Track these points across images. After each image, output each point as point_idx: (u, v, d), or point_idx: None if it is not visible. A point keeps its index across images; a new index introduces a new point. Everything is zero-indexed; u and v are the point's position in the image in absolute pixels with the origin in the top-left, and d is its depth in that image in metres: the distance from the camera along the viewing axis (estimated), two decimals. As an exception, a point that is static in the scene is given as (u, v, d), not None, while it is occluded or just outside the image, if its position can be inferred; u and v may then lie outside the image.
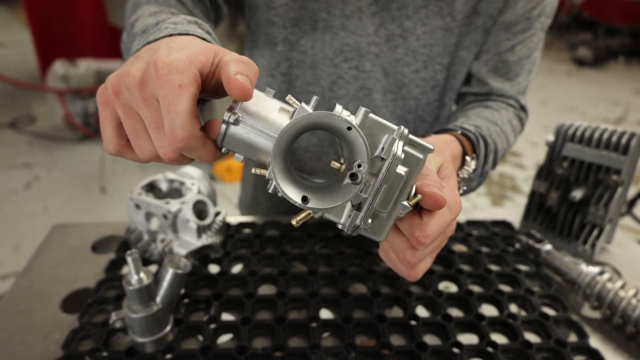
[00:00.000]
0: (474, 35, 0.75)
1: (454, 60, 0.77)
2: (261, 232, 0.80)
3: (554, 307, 0.68)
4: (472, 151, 0.63)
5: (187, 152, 0.38)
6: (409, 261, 0.45)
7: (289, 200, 0.38)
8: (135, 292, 0.52)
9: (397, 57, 0.76)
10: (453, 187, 0.49)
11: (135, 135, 0.39)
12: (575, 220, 0.77)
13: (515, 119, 0.76)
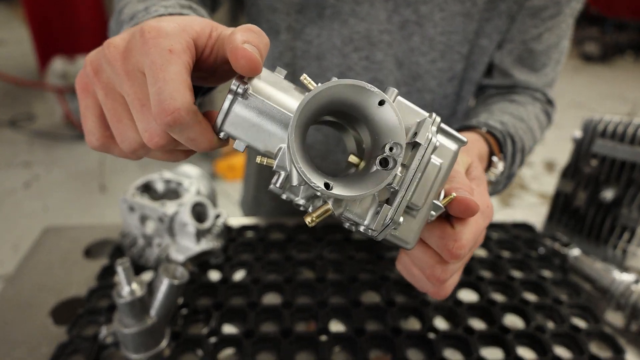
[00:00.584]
0: (496, 21, 0.69)
1: (473, 49, 0.71)
2: (265, 236, 0.74)
3: (585, 318, 0.63)
4: (499, 151, 0.58)
5: (178, 132, 0.30)
6: (439, 278, 0.39)
7: (310, 185, 0.30)
8: (127, 305, 0.46)
9: (412, 46, 0.70)
10: (483, 189, 0.44)
11: (116, 120, 0.32)
12: (605, 222, 0.71)
13: (542, 114, 0.71)
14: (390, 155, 0.31)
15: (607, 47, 5.78)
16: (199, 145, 0.32)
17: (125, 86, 0.31)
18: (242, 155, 3.03)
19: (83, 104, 0.34)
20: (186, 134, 0.31)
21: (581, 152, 0.73)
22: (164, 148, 0.32)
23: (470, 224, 0.39)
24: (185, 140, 0.32)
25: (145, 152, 0.34)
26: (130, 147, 0.33)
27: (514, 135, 0.60)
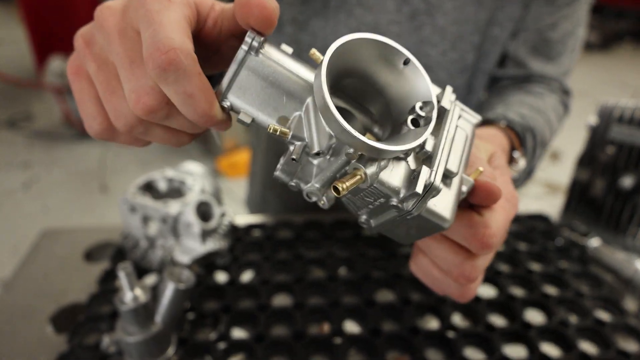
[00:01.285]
0: (509, 9, 0.65)
1: (485, 39, 0.68)
2: (272, 234, 0.72)
3: (609, 311, 0.60)
4: (520, 145, 0.55)
5: (173, 82, 0.26)
6: (469, 276, 0.36)
7: (345, 138, 0.26)
8: (131, 312, 0.44)
9: (422, 37, 0.67)
10: (508, 178, 0.41)
11: (109, 93, 0.29)
12: (624, 210, 0.69)
13: (559, 105, 0.68)
14: (423, 112, 0.28)
15: (607, 35, 5.73)
16: (197, 106, 0.27)
17: (116, 46, 0.27)
18: (245, 152, 3.00)
19: (77, 87, 0.31)
20: (182, 85, 0.26)
21: (597, 140, 0.70)
22: (155, 113, 0.27)
23: (499, 211, 0.35)
24: (181, 96, 0.26)
25: (144, 129, 0.30)
26: (127, 123, 0.29)
27: (534, 129, 0.57)
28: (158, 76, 0.25)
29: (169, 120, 0.29)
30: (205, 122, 0.28)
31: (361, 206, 0.33)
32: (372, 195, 0.31)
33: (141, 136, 0.31)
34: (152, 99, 0.27)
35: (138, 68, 0.27)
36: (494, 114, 0.58)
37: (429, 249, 0.38)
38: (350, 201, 0.33)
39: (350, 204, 0.33)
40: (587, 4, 0.68)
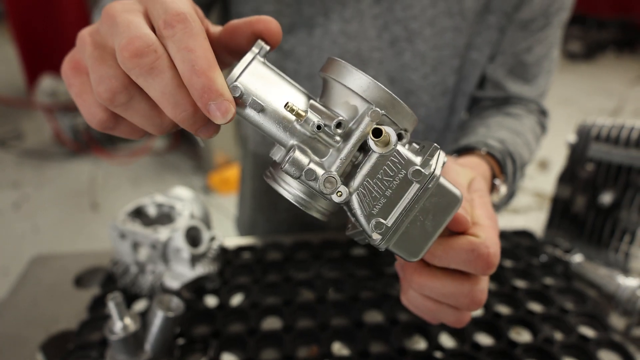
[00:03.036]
0: (486, 35, 0.68)
1: (464, 63, 0.70)
2: (262, 256, 0.72)
3: (593, 326, 0.61)
4: (500, 172, 0.57)
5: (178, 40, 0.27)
6: (480, 301, 0.37)
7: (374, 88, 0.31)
8: (120, 341, 0.44)
9: (404, 62, 0.70)
10: (487, 200, 0.42)
11: (99, 63, 0.29)
12: (605, 226, 0.70)
13: (537, 126, 0.70)
14: None
15: (590, 45, 5.87)
16: (196, 62, 0.27)
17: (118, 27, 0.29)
18: (237, 168, 3.00)
19: (77, 81, 0.31)
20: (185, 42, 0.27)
21: (576, 157, 0.72)
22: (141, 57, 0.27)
23: (491, 231, 0.37)
24: (182, 52, 0.27)
25: (127, 96, 0.29)
26: (109, 89, 0.28)
27: (513, 154, 0.59)
28: (165, 32, 0.28)
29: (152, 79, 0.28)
30: (204, 85, 0.27)
31: (378, 196, 0.32)
32: (392, 168, 0.31)
33: (123, 109, 0.30)
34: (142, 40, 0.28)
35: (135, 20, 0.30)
36: (475, 140, 0.59)
37: (431, 291, 0.37)
38: (368, 191, 0.32)
39: (367, 198, 0.32)
40: (560, 28, 0.71)
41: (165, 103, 0.28)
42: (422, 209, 0.32)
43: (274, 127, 0.31)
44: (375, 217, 0.32)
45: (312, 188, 0.31)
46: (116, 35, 0.29)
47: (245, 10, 0.70)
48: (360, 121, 0.31)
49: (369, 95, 0.31)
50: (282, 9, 0.67)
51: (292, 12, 0.67)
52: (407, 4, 0.66)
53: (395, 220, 0.32)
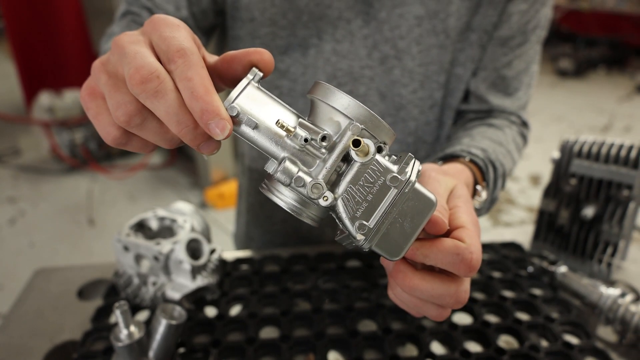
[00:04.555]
0: (469, 51, 0.73)
1: (450, 78, 0.75)
2: (260, 268, 0.75)
3: (577, 335, 0.64)
4: (482, 179, 0.60)
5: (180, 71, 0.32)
6: (464, 300, 0.40)
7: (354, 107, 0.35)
8: (125, 348, 0.47)
9: (393, 79, 0.74)
10: (470, 206, 0.45)
11: (114, 90, 0.33)
12: (588, 238, 0.74)
13: (518, 137, 0.74)
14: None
15: (580, 63, 6.01)
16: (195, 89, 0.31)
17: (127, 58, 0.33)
18: (233, 183, 3.03)
19: (93, 105, 0.35)
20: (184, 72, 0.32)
21: (560, 172, 0.76)
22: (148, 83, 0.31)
23: (475, 237, 0.40)
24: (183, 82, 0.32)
25: (141, 119, 0.33)
26: (125, 113, 0.32)
27: (494, 162, 0.63)
28: (168, 63, 0.33)
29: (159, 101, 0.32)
30: (202, 107, 0.31)
31: (360, 200, 0.36)
32: (372, 176, 0.36)
33: (138, 128, 0.34)
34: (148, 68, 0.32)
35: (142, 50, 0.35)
36: (459, 149, 0.63)
37: (421, 293, 0.40)
38: (351, 196, 0.36)
39: (350, 202, 0.36)
40: (538, 44, 0.75)
41: (169, 121, 0.32)
42: (400, 212, 0.36)
43: (267, 142, 0.35)
44: (358, 220, 0.36)
45: (301, 194, 0.35)
46: (125, 64, 0.33)
47: (242, 33, 0.74)
48: (343, 135, 0.36)
49: (350, 112, 0.35)
50: (277, 31, 0.71)
51: (287, 34, 0.71)
52: (394, 24, 0.70)
53: (376, 222, 0.36)
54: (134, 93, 0.32)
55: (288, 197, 0.36)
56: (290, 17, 0.70)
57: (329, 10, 0.69)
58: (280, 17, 0.70)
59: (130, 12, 0.70)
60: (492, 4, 0.69)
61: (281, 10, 0.69)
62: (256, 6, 0.70)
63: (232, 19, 0.74)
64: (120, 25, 0.69)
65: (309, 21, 0.70)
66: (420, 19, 0.69)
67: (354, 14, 0.70)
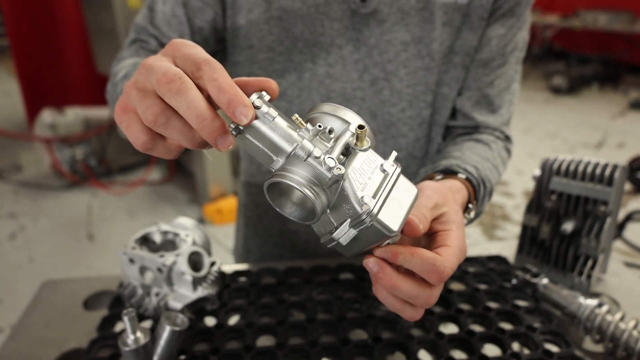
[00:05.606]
0: (453, 72, 0.79)
1: (437, 97, 0.81)
2: (257, 280, 0.79)
3: (557, 343, 0.68)
4: (474, 197, 0.66)
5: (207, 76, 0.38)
6: (432, 303, 0.46)
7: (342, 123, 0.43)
8: (132, 352, 0.50)
9: (383, 99, 0.79)
10: (461, 232, 0.51)
11: (143, 98, 0.39)
12: (568, 252, 0.78)
13: (503, 151, 0.80)
14: None
15: (574, 80, 6.12)
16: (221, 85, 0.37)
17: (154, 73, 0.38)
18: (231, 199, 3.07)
19: (126, 118, 0.41)
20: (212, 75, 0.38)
21: (542, 189, 0.81)
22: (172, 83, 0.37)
23: (453, 255, 0.46)
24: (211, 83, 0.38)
25: (166, 117, 0.38)
26: (153, 113, 0.38)
27: (485, 180, 0.68)
28: (197, 73, 0.38)
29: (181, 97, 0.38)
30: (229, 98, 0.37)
31: (361, 180, 0.42)
32: (369, 164, 0.43)
33: (164, 128, 0.39)
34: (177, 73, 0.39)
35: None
36: (455, 163, 0.68)
37: (400, 292, 0.45)
38: (355, 177, 0.41)
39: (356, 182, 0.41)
40: (518, 64, 0.82)
41: (190, 115, 0.37)
42: (393, 195, 0.43)
43: (282, 133, 0.40)
44: (362, 194, 0.41)
45: (316, 167, 0.39)
46: (152, 75, 0.38)
47: (241, 59, 0.79)
48: (345, 130, 0.43)
49: (349, 119, 0.43)
50: (274, 56, 0.77)
51: (283, 60, 0.77)
52: (382, 49, 0.76)
53: (376, 199, 0.41)
54: (160, 94, 0.38)
55: (300, 176, 0.39)
56: (286, 44, 0.75)
57: (322, 38, 0.75)
58: (277, 44, 0.76)
59: (139, 39, 0.77)
60: (472, 29, 0.75)
61: (278, 37, 0.75)
62: (254, 34, 0.76)
63: (232, 46, 0.79)
64: (130, 51, 0.75)
65: (303, 47, 0.75)
66: (407, 44, 0.75)
67: (345, 41, 0.75)
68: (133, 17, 2.61)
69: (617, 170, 0.73)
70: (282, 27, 0.74)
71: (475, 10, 0.73)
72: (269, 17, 0.74)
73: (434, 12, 0.73)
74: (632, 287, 0.81)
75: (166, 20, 0.75)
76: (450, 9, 0.73)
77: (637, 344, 0.62)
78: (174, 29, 0.75)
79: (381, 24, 0.74)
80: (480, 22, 0.74)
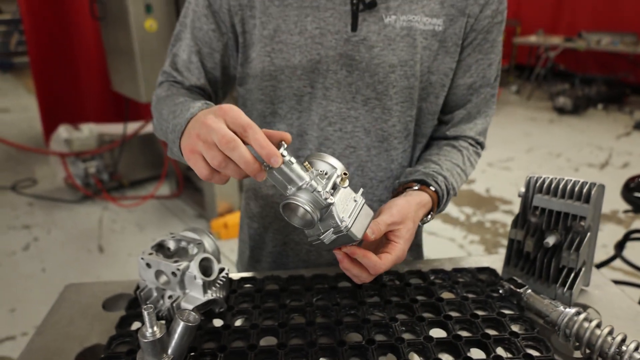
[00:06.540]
0: (431, 89, 0.90)
1: (420, 112, 0.92)
2: (261, 287, 0.85)
3: (538, 349, 0.73)
4: (437, 204, 0.85)
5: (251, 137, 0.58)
6: (366, 280, 0.74)
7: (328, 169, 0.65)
8: (150, 344, 0.57)
9: (375, 116, 0.88)
10: (406, 245, 0.75)
11: (207, 148, 0.59)
12: (551, 265, 0.83)
13: (473, 155, 0.95)
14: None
15: (578, 100, 6.17)
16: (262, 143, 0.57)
17: (214, 133, 0.58)
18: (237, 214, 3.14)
19: (194, 157, 0.61)
20: (254, 137, 0.58)
21: (527, 205, 0.87)
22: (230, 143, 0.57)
23: (390, 261, 0.71)
24: (253, 138, 0.58)
25: (225, 163, 0.58)
26: (217, 161, 0.58)
27: (449, 189, 0.86)
28: (244, 132, 0.58)
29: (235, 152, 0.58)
30: (267, 152, 0.58)
31: (343, 206, 0.64)
32: (348, 196, 0.66)
33: (224, 169, 0.59)
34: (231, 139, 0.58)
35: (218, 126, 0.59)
36: (431, 175, 0.85)
37: (349, 271, 0.72)
38: (339, 204, 0.63)
39: (340, 207, 0.63)
40: (496, 81, 0.94)
41: (241, 163, 0.58)
42: (361, 215, 0.67)
43: (296, 173, 0.61)
44: (343, 215, 0.64)
45: (317, 197, 0.61)
46: (213, 134, 0.58)
47: (250, 87, 0.91)
48: (334, 172, 0.65)
49: (335, 165, 0.65)
50: (276, 84, 0.87)
51: (284, 86, 0.87)
52: (373, 72, 0.85)
53: (350, 218, 0.64)
54: (221, 149, 0.57)
55: (305, 201, 0.61)
56: (287, 73, 0.85)
57: (319, 65, 0.84)
58: (279, 73, 0.86)
59: (167, 81, 0.92)
60: (447, 53, 0.87)
61: (279, 67, 0.85)
62: (259, 65, 0.86)
63: (242, 75, 0.91)
64: (163, 89, 0.90)
65: (302, 74, 0.85)
66: (394, 67, 0.85)
67: (339, 66, 0.84)
68: (148, 38, 2.75)
69: (593, 188, 0.79)
70: (283, 57, 0.84)
71: (450, 37, 0.85)
72: (271, 50, 0.84)
73: (416, 38, 0.83)
74: (613, 299, 0.86)
75: (186, 66, 0.90)
76: (429, 36, 0.84)
77: (610, 348, 0.67)
78: (192, 72, 0.90)
79: (370, 49, 0.83)
80: (455, 47, 0.86)
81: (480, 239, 3.22)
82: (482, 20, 0.85)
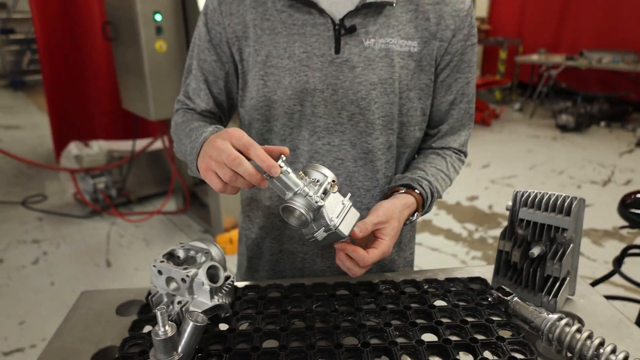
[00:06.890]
0: (409, 104, 0.97)
1: (401, 126, 0.99)
2: (264, 294, 0.91)
3: (523, 352, 0.77)
4: (422, 206, 0.95)
5: (253, 154, 0.70)
6: (357, 275, 0.84)
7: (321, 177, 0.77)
8: (162, 342, 0.62)
9: (360, 130, 0.96)
10: (391, 242, 0.84)
11: (219, 167, 0.71)
12: (537, 274, 0.88)
13: (456, 162, 1.06)
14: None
15: (581, 118, 6.22)
16: (262, 158, 0.70)
17: (223, 155, 0.70)
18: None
19: (208, 175, 0.74)
20: (256, 154, 0.71)
21: (514, 218, 0.92)
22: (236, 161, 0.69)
23: (376, 256, 0.81)
24: (254, 155, 0.70)
25: (235, 178, 0.71)
26: (228, 177, 0.71)
27: (434, 192, 0.95)
28: (246, 150, 0.71)
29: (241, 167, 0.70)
30: (267, 165, 0.70)
31: (333, 209, 0.76)
32: (337, 200, 0.77)
33: (234, 182, 0.71)
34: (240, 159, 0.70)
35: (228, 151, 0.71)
36: (417, 180, 0.94)
37: (341, 263, 0.83)
38: (329, 207, 0.75)
39: (330, 209, 0.75)
40: (474, 96, 1.04)
41: (246, 175, 0.70)
42: (348, 215, 0.78)
43: (293, 181, 0.72)
44: (332, 216, 0.75)
45: (310, 201, 0.72)
46: (223, 155, 0.70)
47: (247, 106, 1.00)
48: (324, 181, 0.76)
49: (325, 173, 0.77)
50: (270, 104, 0.95)
51: (277, 105, 0.95)
52: (356, 90, 0.93)
53: (339, 218, 0.76)
54: (230, 166, 0.70)
55: (300, 204, 0.72)
56: (279, 93, 0.94)
57: (307, 85, 0.93)
58: (272, 94, 0.94)
59: (182, 107, 1.05)
60: (423, 71, 0.95)
61: (272, 89, 0.94)
62: (254, 88, 0.96)
63: (241, 100, 1.01)
64: (179, 115, 1.03)
65: (292, 94, 0.94)
66: (375, 84, 0.93)
67: (325, 85, 0.93)
68: (158, 59, 2.86)
69: (574, 202, 0.85)
70: (275, 80, 0.93)
71: (425, 57, 0.94)
72: (264, 74, 0.94)
73: (394, 59, 0.91)
74: (597, 308, 0.90)
75: (196, 93, 1.02)
76: (406, 56, 0.92)
77: (588, 351, 0.72)
78: (201, 98, 1.02)
79: (353, 69, 0.92)
80: (429, 66, 0.95)
81: (483, 255, 3.24)
82: (456, 44, 0.95)
